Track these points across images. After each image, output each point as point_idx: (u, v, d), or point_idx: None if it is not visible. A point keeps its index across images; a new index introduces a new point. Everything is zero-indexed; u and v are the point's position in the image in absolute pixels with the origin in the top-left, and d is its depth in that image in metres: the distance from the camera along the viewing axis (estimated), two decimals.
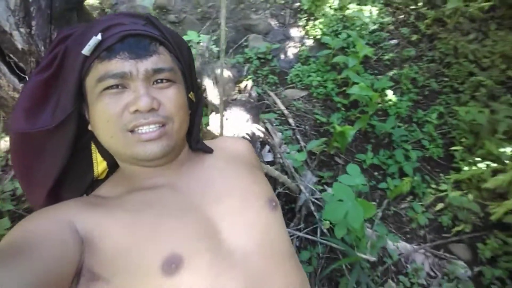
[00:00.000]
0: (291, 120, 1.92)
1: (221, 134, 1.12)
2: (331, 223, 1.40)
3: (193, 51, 1.65)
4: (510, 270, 1.38)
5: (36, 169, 0.55)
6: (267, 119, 1.76)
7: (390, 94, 2.01)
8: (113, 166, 0.60)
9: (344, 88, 2.12)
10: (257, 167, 0.69)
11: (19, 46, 0.53)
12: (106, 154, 0.59)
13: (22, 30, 0.52)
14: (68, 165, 0.55)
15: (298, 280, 0.54)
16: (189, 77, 0.57)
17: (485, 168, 1.58)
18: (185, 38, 1.59)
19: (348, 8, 2.56)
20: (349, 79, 2.05)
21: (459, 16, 2.36)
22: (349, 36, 2.28)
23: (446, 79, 2.16)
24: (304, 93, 2.15)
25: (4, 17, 0.51)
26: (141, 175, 0.56)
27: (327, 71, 2.23)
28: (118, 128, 0.49)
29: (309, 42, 2.50)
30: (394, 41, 2.46)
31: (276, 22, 2.71)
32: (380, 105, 2.00)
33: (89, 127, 0.54)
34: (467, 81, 2.06)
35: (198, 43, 1.70)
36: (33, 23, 0.53)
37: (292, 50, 2.48)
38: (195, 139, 0.62)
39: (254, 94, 1.83)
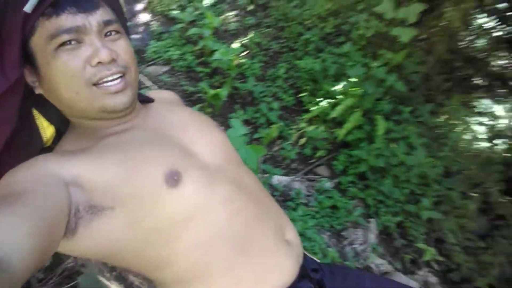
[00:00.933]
0: None
1: None
2: None
3: None
4: (356, 174, 1.84)
5: None
6: None
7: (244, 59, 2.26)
8: (60, 130, 0.59)
9: (203, 58, 2.26)
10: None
11: None
12: (53, 118, 0.57)
13: None
14: (14, 134, 0.53)
15: (257, 180, 0.67)
16: (125, 28, 0.60)
17: (326, 105, 2.01)
18: None
19: None
20: (205, 50, 2.20)
21: None
22: (196, 9, 2.41)
23: (282, 40, 2.56)
24: (166, 68, 2.19)
25: None
26: (106, 126, 0.57)
27: (184, 44, 2.32)
28: (83, 83, 0.50)
29: (158, 18, 2.52)
30: (234, 12, 2.72)
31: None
32: (238, 69, 2.23)
33: (38, 91, 0.52)
34: (299, 40, 2.50)
35: None
36: None
37: (142, 28, 2.44)
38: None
39: None
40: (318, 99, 2.05)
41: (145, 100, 0.67)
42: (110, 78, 0.52)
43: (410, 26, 1.98)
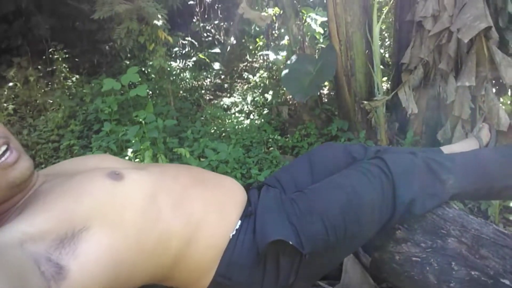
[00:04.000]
0: None
1: None
2: None
3: None
4: None
5: None
6: None
7: None
8: None
9: None
10: None
11: None
12: None
13: None
14: None
15: None
16: None
17: None
18: None
19: None
20: None
21: None
22: None
23: (42, 165, 2.41)
24: None
25: None
26: (16, 200, 0.53)
27: None
28: None
29: None
30: None
31: None
32: None
33: None
34: (60, 151, 2.43)
35: None
36: None
37: None
38: None
39: None
40: None
41: None
42: (3, 156, 0.53)
43: (139, 85, 2.36)
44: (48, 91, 2.75)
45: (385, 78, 2.65)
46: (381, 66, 2.06)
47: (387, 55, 3.29)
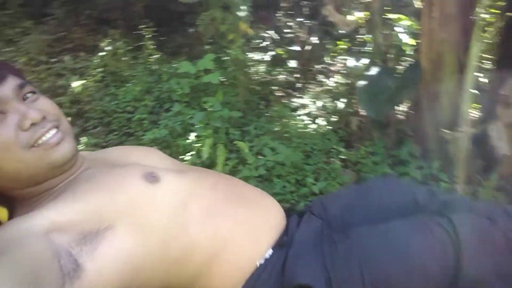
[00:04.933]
0: None
1: None
2: None
3: None
4: None
5: None
6: None
7: None
8: (12, 208, 0.53)
9: None
10: None
11: None
12: (1, 200, 0.51)
13: None
14: None
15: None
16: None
17: (192, 157, 2.15)
18: None
19: None
20: None
21: (88, 91, 2.84)
22: None
23: (116, 132, 2.59)
24: None
25: None
26: (58, 182, 0.55)
27: None
28: (21, 149, 0.49)
29: None
30: None
31: None
32: None
33: None
34: (131, 123, 2.59)
35: None
36: None
37: None
38: None
39: None
40: (181, 157, 2.17)
41: None
42: (48, 135, 0.54)
43: (213, 72, 2.41)
44: (132, 65, 2.94)
45: (475, 106, 2.35)
46: (473, 93, 1.82)
47: (481, 81, 2.93)
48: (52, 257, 0.42)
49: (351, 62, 2.91)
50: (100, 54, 2.94)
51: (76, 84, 2.69)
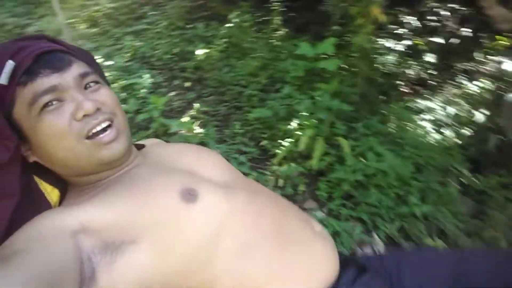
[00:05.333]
0: None
1: None
2: None
3: None
4: (342, 196, 1.86)
5: None
6: None
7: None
8: (63, 192, 0.56)
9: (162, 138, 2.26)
10: None
11: None
12: (54, 181, 0.54)
13: None
14: (20, 204, 0.51)
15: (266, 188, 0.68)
16: (104, 79, 0.61)
17: (289, 144, 2.08)
18: None
19: (121, 79, 2.75)
20: (158, 130, 2.21)
21: (210, 60, 2.99)
22: (137, 98, 2.47)
23: (227, 103, 2.68)
24: None
25: None
26: (106, 175, 0.56)
27: (135, 132, 2.31)
28: (74, 139, 0.50)
29: None
30: (174, 92, 2.83)
31: None
32: (197, 138, 2.25)
33: (32, 159, 0.50)
34: (242, 97, 2.64)
35: None
36: None
37: None
38: None
39: None
40: (280, 141, 2.12)
41: (137, 146, 0.69)
42: (99, 128, 0.53)
43: (332, 57, 2.23)
44: (255, 39, 2.95)
45: None
46: None
47: None
48: (75, 259, 0.42)
49: (508, 65, 2.34)
50: (228, 25, 3.03)
51: (201, 51, 2.85)
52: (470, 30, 3.13)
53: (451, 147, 2.13)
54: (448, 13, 3.33)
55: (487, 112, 2.27)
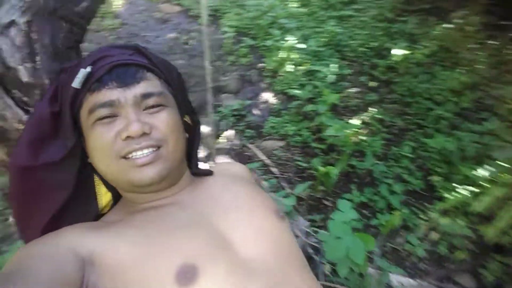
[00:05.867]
0: (274, 169, 1.92)
1: None
2: (332, 265, 1.34)
3: None
4: None
5: (35, 207, 0.53)
6: (251, 168, 1.75)
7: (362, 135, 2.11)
8: (117, 196, 0.58)
9: (319, 135, 2.19)
10: (257, 185, 0.69)
11: (24, 80, 0.53)
12: (110, 185, 0.57)
13: (27, 65, 0.53)
14: (70, 200, 0.53)
15: (315, 287, 0.51)
16: (182, 100, 0.59)
17: (467, 194, 1.63)
18: None
19: (308, 63, 2.76)
20: (322, 126, 2.14)
21: (408, 62, 2.62)
22: (315, 87, 2.43)
23: (409, 116, 2.32)
24: (281, 143, 2.19)
25: (10, 54, 0.52)
26: (142, 199, 0.54)
27: (300, 121, 2.32)
28: (112, 156, 0.49)
29: (278, 96, 2.63)
30: (355, 89, 2.65)
31: (245, 82, 2.85)
32: (356, 146, 2.08)
33: (89, 160, 0.53)
34: (428, 116, 2.22)
35: None
36: (37, 58, 0.54)
37: (263, 105, 2.57)
38: (194, 162, 0.62)
39: (237, 142, 1.85)
40: (455, 185, 1.70)
41: (203, 173, 0.62)
42: (139, 153, 0.48)
43: None
44: (474, 49, 2.39)
45: None
46: None
47: None
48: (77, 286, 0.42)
49: None
50: (446, 25, 2.55)
51: (399, 51, 2.52)
52: None
53: None
54: None
55: None
